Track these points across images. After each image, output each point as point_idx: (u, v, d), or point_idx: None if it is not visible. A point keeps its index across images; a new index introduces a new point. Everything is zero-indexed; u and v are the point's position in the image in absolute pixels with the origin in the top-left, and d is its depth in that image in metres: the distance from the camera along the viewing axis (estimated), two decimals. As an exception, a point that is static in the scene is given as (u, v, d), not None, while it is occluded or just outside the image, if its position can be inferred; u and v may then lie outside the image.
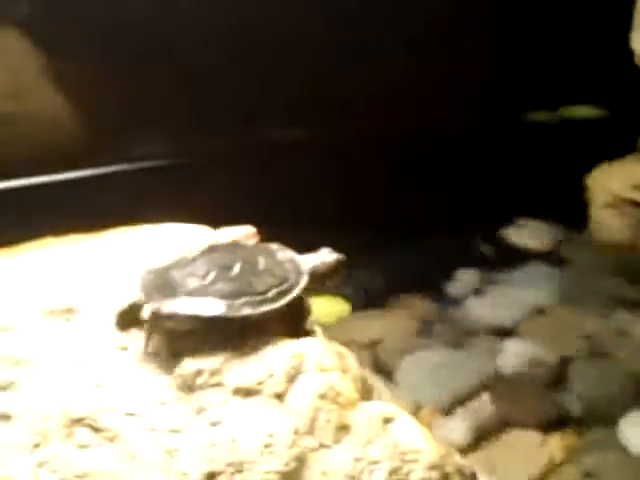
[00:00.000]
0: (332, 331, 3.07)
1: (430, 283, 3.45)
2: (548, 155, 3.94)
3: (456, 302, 3.39)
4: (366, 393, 1.66)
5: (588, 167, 3.68)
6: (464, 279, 3.53)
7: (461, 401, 2.94)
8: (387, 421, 1.51)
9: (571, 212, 3.65)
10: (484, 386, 3.01)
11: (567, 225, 3.68)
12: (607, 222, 3.46)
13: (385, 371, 3.07)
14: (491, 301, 3.41)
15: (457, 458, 1.48)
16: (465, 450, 2.69)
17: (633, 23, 3.45)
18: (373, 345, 3.23)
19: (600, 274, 3.48)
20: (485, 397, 2.94)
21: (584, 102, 4.35)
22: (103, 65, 3.63)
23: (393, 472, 1.40)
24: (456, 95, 4.07)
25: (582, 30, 4.17)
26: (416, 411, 2.84)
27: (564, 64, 4.22)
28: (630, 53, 3.46)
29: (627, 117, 3.77)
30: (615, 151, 3.70)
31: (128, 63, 3.64)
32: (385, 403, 1.59)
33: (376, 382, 2.82)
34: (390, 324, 3.35)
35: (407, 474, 1.40)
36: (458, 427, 2.79)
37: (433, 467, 1.42)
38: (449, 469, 1.43)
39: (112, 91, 3.65)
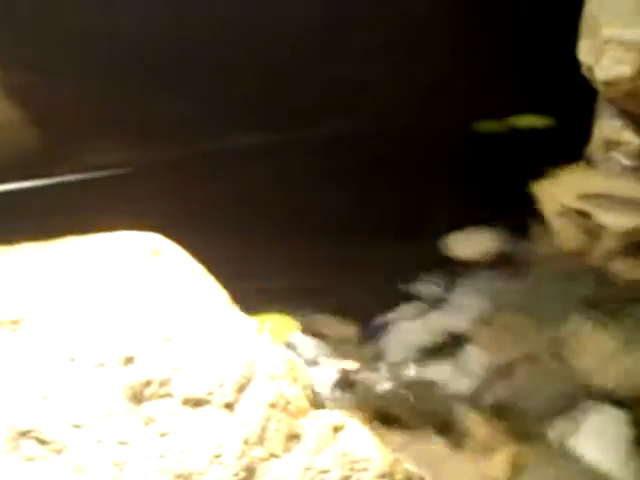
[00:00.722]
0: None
1: (377, 294, 3.44)
2: (496, 164, 3.96)
3: (409, 317, 3.38)
4: (317, 402, 1.66)
5: (536, 176, 3.70)
6: (410, 290, 3.52)
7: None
8: (337, 429, 1.51)
9: (519, 221, 3.66)
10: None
11: (514, 234, 3.68)
12: (553, 231, 3.47)
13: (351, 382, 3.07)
14: (437, 313, 3.42)
15: (407, 466, 1.48)
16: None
17: (580, 33, 3.48)
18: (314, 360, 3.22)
19: (545, 283, 3.50)
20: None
21: (533, 111, 4.38)
22: (53, 73, 3.60)
23: (343, 481, 1.40)
24: (404, 101, 4.08)
25: (531, 39, 4.20)
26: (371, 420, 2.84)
27: (513, 73, 4.25)
28: (578, 63, 3.50)
29: (575, 126, 3.80)
30: (563, 160, 3.72)
31: (79, 71, 3.61)
32: (335, 412, 1.59)
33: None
34: (323, 339, 3.34)
35: (357, 483, 1.40)
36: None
37: (382, 476, 1.42)
38: (398, 477, 1.43)
39: (63, 100, 3.63)
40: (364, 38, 4.08)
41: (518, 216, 3.68)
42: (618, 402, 2.82)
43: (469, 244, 3.78)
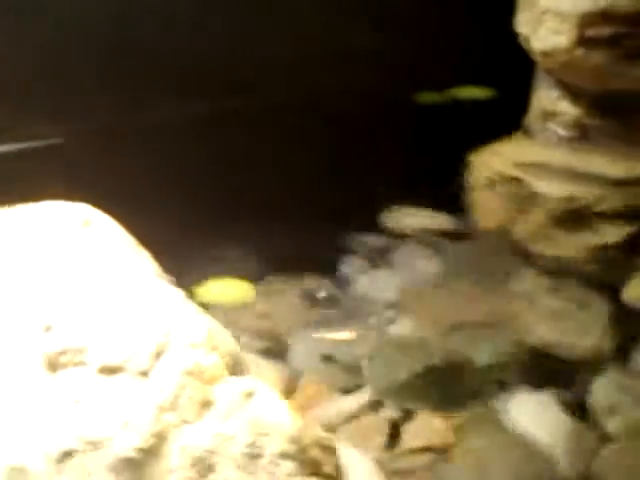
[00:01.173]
0: (232, 313, 3.11)
1: (317, 265, 3.46)
2: (437, 135, 3.99)
3: (343, 284, 3.41)
4: (237, 369, 1.68)
5: (476, 147, 3.73)
6: (348, 262, 3.55)
7: (354, 377, 2.98)
8: (249, 396, 1.53)
9: (456, 192, 3.69)
10: (377, 361, 3.05)
11: (451, 206, 3.72)
12: (488, 201, 3.51)
13: (280, 347, 3.09)
14: (374, 283, 3.45)
15: (317, 431, 1.51)
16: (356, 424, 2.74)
17: (518, 4, 3.50)
18: (269, 323, 3.25)
19: (478, 254, 3.54)
20: (376, 372, 2.98)
21: (474, 83, 4.40)
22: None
23: (250, 445, 1.42)
24: (345, 73, 4.09)
25: (471, 11, 4.22)
26: (305, 387, 2.87)
27: (453, 45, 4.26)
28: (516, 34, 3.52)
29: (515, 97, 3.82)
30: (503, 131, 3.74)
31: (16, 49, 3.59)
32: (249, 378, 1.62)
33: (256, 359, 2.88)
34: (287, 303, 3.38)
35: (264, 447, 1.42)
36: (353, 402, 2.83)
37: (291, 440, 1.44)
38: (307, 441, 1.46)
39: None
40: (300, 9, 4.07)
41: (455, 188, 3.72)
42: (558, 366, 2.88)
43: (405, 217, 3.81)
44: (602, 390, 2.77)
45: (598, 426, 2.64)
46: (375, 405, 2.80)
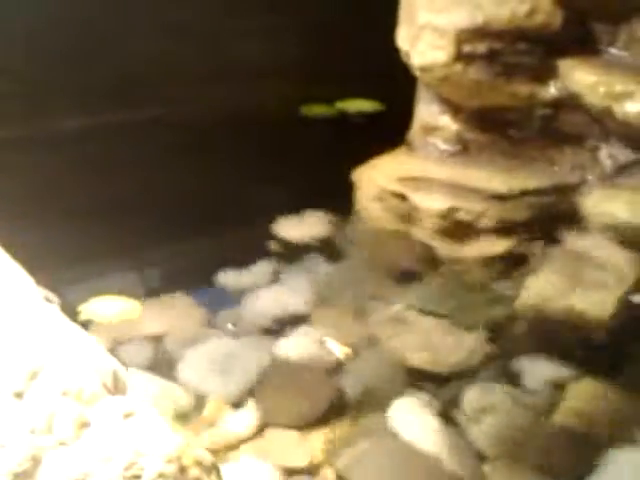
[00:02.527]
0: (117, 330, 3.06)
1: (208, 278, 3.44)
2: (325, 148, 4.01)
3: (235, 297, 3.40)
4: (117, 389, 1.65)
5: (362, 160, 3.75)
6: (241, 274, 3.54)
7: (246, 392, 2.96)
8: (128, 416, 1.50)
9: (343, 205, 3.72)
10: (267, 377, 3.05)
11: (340, 218, 3.74)
12: (374, 213, 3.53)
13: (170, 364, 3.06)
14: (268, 295, 3.44)
15: (197, 450, 1.48)
16: (248, 440, 2.72)
17: (399, 19, 3.54)
18: (158, 339, 3.21)
19: (369, 265, 3.57)
20: (266, 388, 2.97)
21: (361, 96, 4.44)
22: None
23: (128, 467, 1.39)
24: (231, 86, 4.09)
25: (360, 25, 4.26)
26: (195, 403, 2.84)
27: (342, 58, 4.29)
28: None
29: (403, 111, 3.86)
30: (388, 144, 3.78)
31: None
32: (129, 398, 1.59)
33: (142, 376, 2.84)
34: (177, 318, 3.34)
35: (142, 468, 1.40)
36: (244, 418, 2.81)
37: (170, 460, 1.42)
38: (186, 461, 1.43)
39: None
40: (186, 25, 4.05)
41: (343, 200, 3.74)
42: (433, 380, 2.92)
43: (297, 228, 3.81)
44: (476, 397, 2.83)
45: (472, 437, 2.69)
46: (263, 426, 2.79)
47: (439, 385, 2.90)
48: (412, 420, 2.78)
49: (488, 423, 2.72)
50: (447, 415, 2.77)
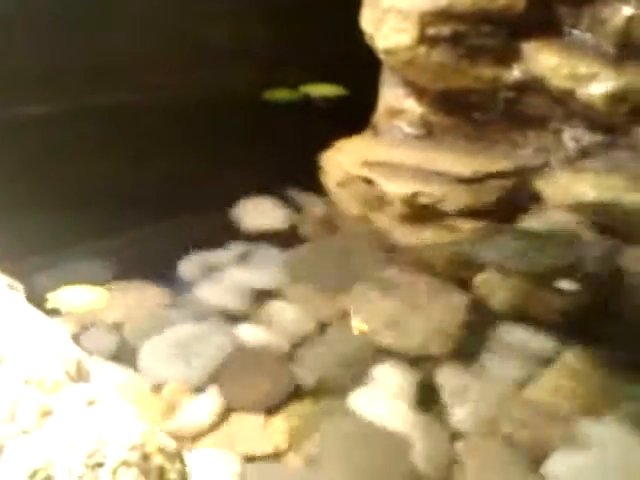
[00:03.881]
0: (83, 319, 3.05)
1: (168, 265, 3.43)
2: (288, 133, 3.99)
3: (194, 284, 3.39)
4: (80, 377, 1.64)
5: (326, 145, 3.75)
6: (201, 261, 3.53)
7: (208, 377, 2.96)
8: (91, 403, 1.49)
9: (308, 190, 3.71)
10: (229, 362, 3.04)
11: (304, 202, 3.74)
12: (340, 199, 3.53)
13: (132, 350, 3.05)
14: (228, 282, 3.44)
15: (161, 437, 1.48)
16: (210, 426, 2.72)
17: (363, 2, 3.53)
18: (121, 326, 3.20)
19: (334, 249, 3.56)
20: (228, 373, 2.97)
21: (326, 80, 4.42)
22: None
23: (91, 455, 1.38)
24: (194, 71, 4.06)
25: (323, 9, 4.23)
26: (157, 390, 2.83)
27: (305, 42, 4.27)
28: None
29: (367, 95, 3.85)
30: (353, 129, 3.78)
31: None
32: (93, 385, 1.58)
33: (106, 364, 2.83)
34: (140, 305, 3.33)
35: (105, 456, 1.39)
36: (206, 404, 2.80)
37: (133, 448, 1.41)
38: (150, 449, 1.42)
39: None
40: (150, 7, 4.02)
41: (307, 185, 3.73)
42: (400, 362, 2.92)
43: (258, 215, 3.80)
44: (444, 383, 2.84)
45: (444, 416, 2.70)
46: (226, 412, 2.79)
47: (407, 364, 2.91)
48: (379, 400, 2.79)
49: (461, 400, 2.73)
50: (417, 394, 2.78)
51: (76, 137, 3.74)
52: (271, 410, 2.79)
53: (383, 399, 2.80)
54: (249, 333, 3.13)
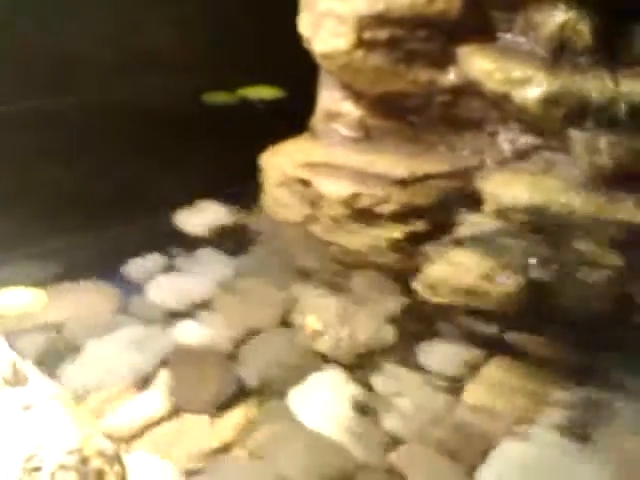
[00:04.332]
0: (19, 322, 3.01)
1: (110, 268, 3.42)
2: (227, 136, 3.99)
3: (137, 286, 3.38)
4: (17, 381, 1.63)
5: (265, 147, 3.75)
6: (143, 264, 3.52)
7: (150, 379, 2.95)
8: (27, 408, 1.48)
9: (247, 193, 3.71)
10: (170, 364, 3.04)
11: (242, 206, 3.74)
12: (279, 200, 3.54)
13: (71, 352, 3.03)
14: (170, 284, 3.43)
15: (99, 440, 1.48)
16: (150, 428, 2.71)
17: (301, 6, 3.54)
18: (60, 328, 3.18)
19: (275, 251, 3.57)
20: (170, 375, 2.96)
21: (264, 83, 4.42)
22: None
23: (28, 460, 1.38)
24: (131, 73, 4.04)
25: (261, 12, 4.24)
26: (99, 392, 2.82)
27: (243, 45, 4.27)
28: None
29: (306, 98, 3.86)
30: (291, 131, 3.78)
31: None
32: (29, 390, 1.57)
33: (38, 366, 2.80)
34: (80, 307, 3.31)
35: (43, 460, 1.38)
36: (147, 406, 2.79)
37: (71, 452, 1.41)
38: (88, 452, 1.42)
39: None
40: (88, 8, 3.99)
41: (246, 188, 3.73)
42: (340, 365, 2.94)
43: (199, 218, 3.79)
44: (381, 383, 2.86)
45: (379, 418, 2.73)
46: (167, 412, 2.78)
47: (345, 369, 2.92)
48: (316, 405, 2.80)
49: (397, 407, 2.75)
50: (354, 399, 2.80)
51: (19, 140, 3.71)
52: (214, 411, 2.79)
53: (320, 404, 2.81)
54: (190, 334, 3.14)
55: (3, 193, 3.43)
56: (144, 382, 2.91)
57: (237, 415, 2.80)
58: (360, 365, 2.94)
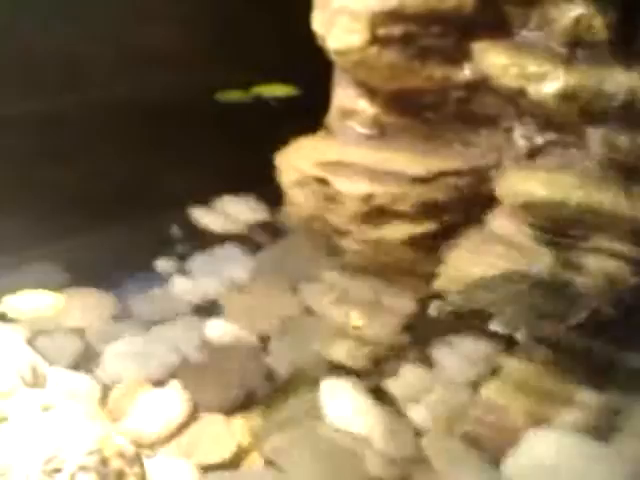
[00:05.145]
0: (39, 325, 3.02)
1: (130, 267, 3.43)
2: (241, 134, 3.99)
3: (157, 285, 3.39)
4: (36, 383, 1.63)
5: (280, 145, 3.75)
6: (162, 263, 3.53)
7: (170, 378, 2.97)
8: (46, 409, 1.48)
9: (264, 191, 3.71)
10: (192, 362, 3.05)
11: (262, 204, 3.75)
12: (296, 199, 3.53)
13: (92, 355, 3.05)
14: (190, 283, 3.44)
15: (119, 441, 1.47)
16: (171, 428, 2.71)
17: (314, 3, 3.53)
18: (80, 331, 3.19)
19: (293, 251, 3.58)
20: (191, 373, 2.98)
21: (277, 80, 4.42)
22: None
23: (49, 461, 1.37)
24: (145, 73, 4.04)
25: (275, 9, 4.23)
26: (120, 393, 2.82)
27: (257, 43, 4.27)
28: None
29: (320, 96, 3.85)
30: (307, 129, 3.78)
31: None
32: (48, 391, 1.57)
33: (65, 370, 2.81)
34: (97, 309, 3.32)
35: (63, 461, 1.38)
36: (168, 406, 2.80)
37: (91, 453, 1.40)
38: (108, 453, 1.42)
39: None
40: (95, 8, 3.99)
41: (264, 186, 3.73)
42: (352, 371, 2.95)
43: (217, 215, 3.81)
44: (402, 381, 2.87)
45: (401, 412, 2.73)
46: (187, 412, 2.79)
47: (363, 368, 2.93)
48: (341, 402, 2.80)
49: (421, 401, 2.76)
50: (379, 396, 2.80)
51: (28, 141, 3.72)
52: (233, 410, 2.80)
53: (345, 401, 2.82)
54: (212, 332, 3.15)
55: (17, 195, 3.44)
56: (163, 383, 2.92)
57: (257, 415, 2.81)
58: (380, 363, 2.94)
